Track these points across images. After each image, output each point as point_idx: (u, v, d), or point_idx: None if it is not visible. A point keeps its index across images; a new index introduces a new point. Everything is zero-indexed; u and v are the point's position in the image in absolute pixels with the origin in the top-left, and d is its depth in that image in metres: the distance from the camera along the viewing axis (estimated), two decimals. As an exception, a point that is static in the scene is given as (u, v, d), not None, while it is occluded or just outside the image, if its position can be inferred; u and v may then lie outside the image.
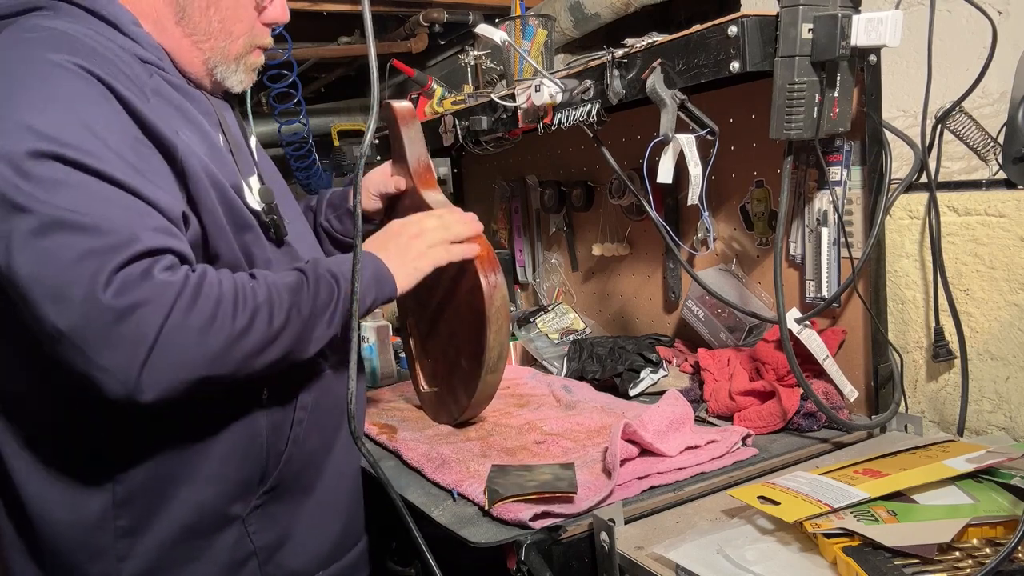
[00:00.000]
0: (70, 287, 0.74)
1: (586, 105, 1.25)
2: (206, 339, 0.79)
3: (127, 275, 0.76)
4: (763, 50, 1.03)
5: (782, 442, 1.17)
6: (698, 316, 1.46)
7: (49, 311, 0.74)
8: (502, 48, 1.43)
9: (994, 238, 1.15)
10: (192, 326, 0.78)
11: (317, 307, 0.90)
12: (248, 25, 0.99)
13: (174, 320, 0.77)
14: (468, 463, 1.11)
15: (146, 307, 0.76)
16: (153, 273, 0.78)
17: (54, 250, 0.75)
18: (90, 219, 0.76)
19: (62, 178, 0.76)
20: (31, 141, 0.75)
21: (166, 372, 0.77)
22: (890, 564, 0.74)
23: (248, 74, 1.03)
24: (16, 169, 0.75)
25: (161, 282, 0.77)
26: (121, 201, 0.78)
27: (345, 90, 3.17)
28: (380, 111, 0.89)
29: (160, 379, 0.77)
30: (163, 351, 0.77)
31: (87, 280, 0.74)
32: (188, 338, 0.78)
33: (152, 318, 0.76)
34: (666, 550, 0.84)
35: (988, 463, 0.87)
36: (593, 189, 1.80)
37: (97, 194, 0.77)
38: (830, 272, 1.25)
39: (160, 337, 0.76)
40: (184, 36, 0.95)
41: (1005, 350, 1.16)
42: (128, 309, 0.75)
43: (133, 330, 0.75)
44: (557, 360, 1.65)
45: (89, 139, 0.78)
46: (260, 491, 0.94)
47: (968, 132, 1.17)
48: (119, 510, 0.87)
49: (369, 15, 0.86)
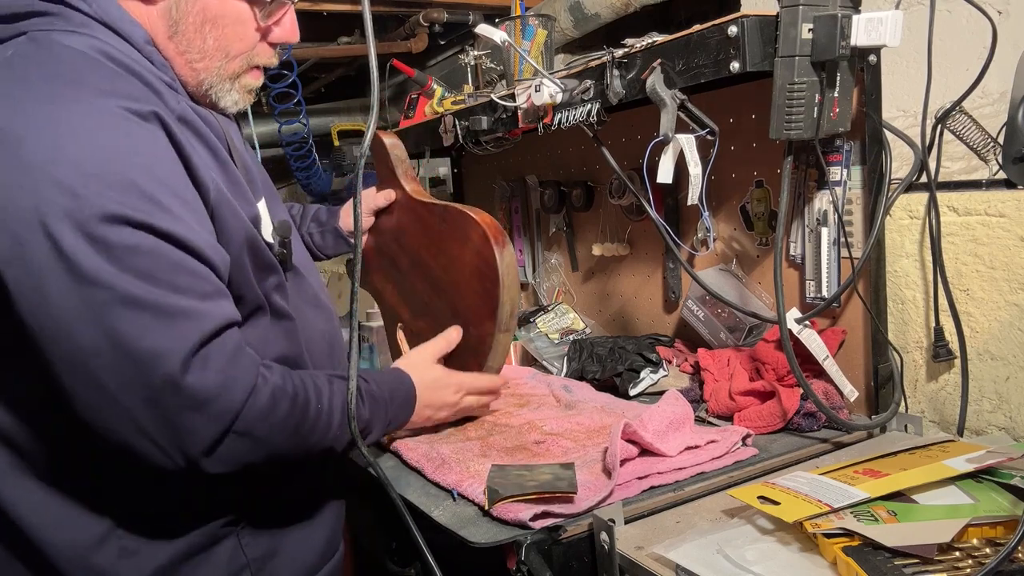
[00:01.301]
0: (139, 371, 0.75)
1: (586, 105, 1.25)
2: (269, 443, 0.85)
3: (204, 359, 0.77)
4: (763, 50, 1.03)
5: (782, 442, 1.17)
6: (698, 316, 1.46)
7: (110, 386, 0.75)
8: (502, 48, 1.43)
9: (994, 238, 1.15)
10: (261, 430, 0.83)
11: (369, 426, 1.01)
12: (247, 45, 0.93)
13: (243, 422, 0.81)
14: (468, 463, 1.11)
15: (220, 401, 0.79)
16: (222, 362, 0.79)
17: (126, 331, 0.74)
18: (162, 295, 0.75)
19: (132, 244, 0.74)
20: (97, 201, 0.72)
21: (227, 463, 0.82)
22: (890, 564, 0.74)
23: (244, 95, 0.96)
24: (85, 235, 0.72)
25: (242, 370, 0.81)
26: (188, 266, 0.78)
27: (345, 90, 3.18)
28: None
29: (228, 467, 0.83)
30: (230, 445, 0.81)
31: (159, 367, 0.75)
32: (253, 440, 0.83)
33: (224, 412, 0.79)
34: (666, 550, 0.84)
35: (988, 463, 0.87)
36: (593, 189, 1.80)
37: (167, 259, 0.76)
38: (830, 272, 1.25)
39: (229, 433, 0.80)
40: (177, 53, 0.89)
41: (1005, 350, 1.16)
42: (203, 400, 0.77)
43: (203, 421, 0.78)
44: (557, 360, 1.65)
45: (155, 195, 0.75)
46: (254, 504, 0.94)
47: (968, 132, 1.17)
48: (120, 529, 0.86)
49: (369, 15, 0.87)
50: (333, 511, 1.07)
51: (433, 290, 1.35)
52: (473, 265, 1.24)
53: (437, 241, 1.33)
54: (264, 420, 0.83)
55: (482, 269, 1.22)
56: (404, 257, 1.42)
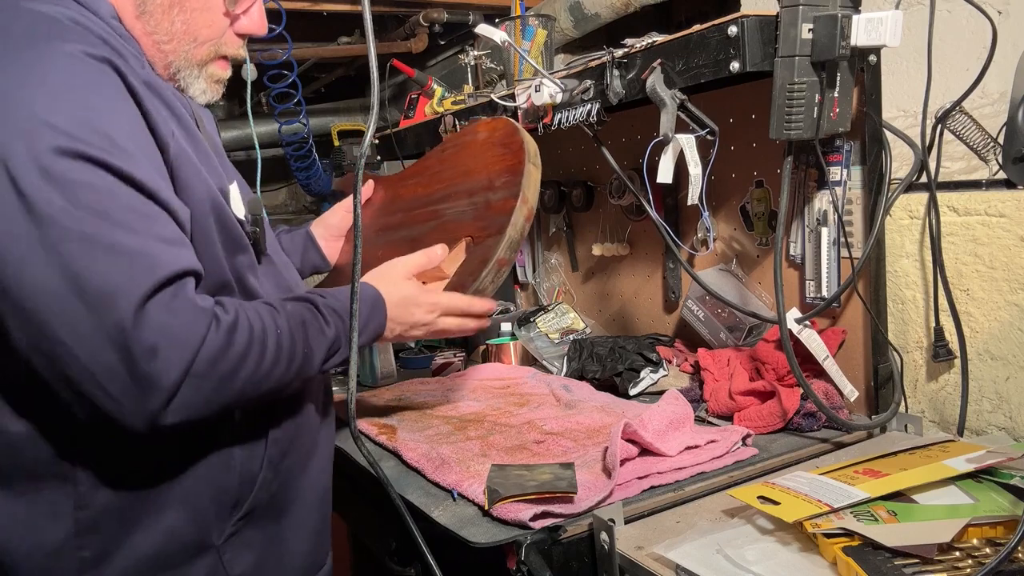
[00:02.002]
0: (97, 312, 0.71)
1: (586, 105, 1.25)
2: (230, 384, 0.80)
3: (158, 305, 0.74)
4: (763, 50, 1.03)
5: (782, 442, 1.17)
6: (698, 316, 1.46)
7: (63, 333, 0.71)
8: (502, 48, 1.43)
9: (994, 238, 1.15)
10: (219, 372, 0.79)
11: (333, 346, 0.93)
12: (216, 31, 0.92)
13: (199, 366, 0.77)
14: (468, 463, 1.11)
15: (175, 346, 0.75)
16: (181, 305, 0.76)
17: (79, 270, 0.71)
18: (118, 236, 0.73)
19: (88, 180, 0.72)
20: (53, 138, 0.71)
21: (192, 410, 0.78)
22: (890, 564, 0.74)
23: (211, 85, 0.95)
24: (40, 170, 0.70)
25: (192, 315, 0.77)
26: (144, 209, 0.76)
27: (345, 90, 3.17)
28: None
29: (187, 417, 0.78)
30: (192, 391, 0.77)
31: (115, 309, 0.72)
32: (212, 383, 0.79)
33: (180, 357, 0.75)
34: (666, 550, 0.84)
35: (988, 463, 0.87)
36: (593, 189, 1.80)
37: (122, 201, 0.74)
38: (830, 272, 1.25)
39: (187, 376, 0.76)
40: (145, 33, 0.88)
41: (1005, 350, 1.16)
42: (154, 346, 0.74)
43: (159, 368, 0.74)
44: (557, 360, 1.65)
45: (111, 134, 0.74)
46: (235, 518, 0.89)
47: (968, 132, 1.17)
48: (82, 538, 0.81)
49: (369, 15, 0.86)
50: (322, 520, 1.03)
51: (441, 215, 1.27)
52: (488, 146, 1.19)
53: (439, 172, 1.28)
54: (222, 359, 0.79)
55: (500, 141, 1.17)
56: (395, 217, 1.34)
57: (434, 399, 1.49)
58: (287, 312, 0.89)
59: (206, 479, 0.87)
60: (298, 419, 0.97)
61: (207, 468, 0.87)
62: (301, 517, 0.98)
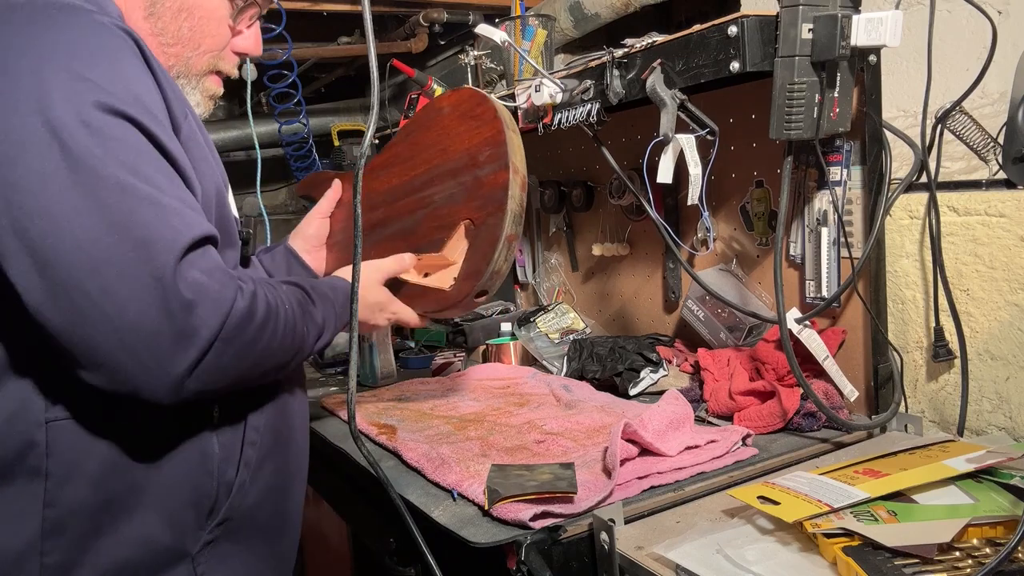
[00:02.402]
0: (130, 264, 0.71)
1: (586, 105, 1.25)
2: (250, 353, 0.81)
3: (191, 263, 0.74)
4: (763, 50, 1.03)
5: (782, 442, 1.17)
6: (698, 316, 1.46)
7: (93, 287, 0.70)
8: (502, 48, 1.43)
9: (994, 238, 1.15)
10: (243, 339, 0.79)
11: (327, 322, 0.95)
12: (219, 42, 0.95)
13: (228, 330, 0.77)
14: (468, 463, 1.11)
15: (208, 306, 0.75)
16: (214, 265, 0.77)
17: (120, 220, 0.71)
18: (152, 191, 0.73)
19: (124, 136, 0.73)
20: (92, 92, 0.72)
21: (211, 379, 0.77)
22: (890, 564, 0.74)
23: (205, 100, 0.97)
24: (82, 122, 0.71)
25: (226, 279, 0.77)
26: (170, 173, 0.77)
27: (345, 90, 3.17)
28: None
29: (204, 384, 0.77)
30: (216, 357, 0.76)
31: (155, 259, 0.72)
32: (236, 350, 0.79)
33: (212, 320, 0.75)
34: (666, 550, 0.84)
35: (988, 463, 0.87)
36: (593, 189, 1.80)
37: (153, 161, 0.75)
38: (830, 272, 1.25)
39: (215, 344, 0.76)
40: (151, 34, 0.90)
41: (1005, 350, 1.16)
42: (190, 304, 0.73)
43: (194, 325, 0.74)
44: (557, 360, 1.65)
45: (142, 98, 0.75)
46: (211, 524, 0.87)
47: (968, 132, 1.17)
48: (47, 541, 0.77)
49: (369, 15, 0.86)
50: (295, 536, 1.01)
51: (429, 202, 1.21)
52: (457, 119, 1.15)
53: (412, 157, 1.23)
54: (248, 324, 0.80)
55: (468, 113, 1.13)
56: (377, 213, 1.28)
57: (434, 399, 1.49)
58: (286, 291, 0.91)
59: (183, 480, 0.84)
60: (277, 421, 0.95)
61: (185, 468, 0.85)
62: (281, 532, 0.97)
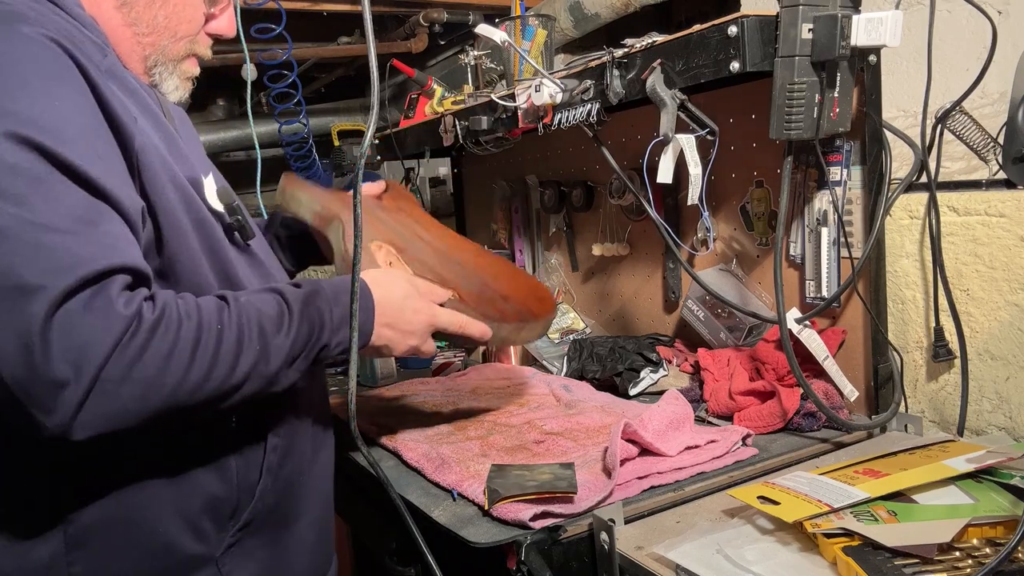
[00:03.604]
0: (7, 304, 0.66)
1: (586, 105, 1.25)
2: (148, 393, 0.72)
3: (76, 304, 0.68)
4: (763, 50, 1.03)
5: (782, 442, 1.17)
6: (698, 316, 1.46)
7: None
8: (502, 48, 1.43)
9: (994, 238, 1.15)
10: (134, 378, 0.71)
11: (295, 348, 0.83)
12: (194, 27, 0.94)
13: (116, 366, 0.69)
14: (468, 463, 1.11)
15: (88, 350, 0.68)
16: (101, 305, 0.70)
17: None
18: (39, 229, 0.68)
19: (18, 164, 0.68)
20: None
21: (107, 421, 0.70)
22: (890, 564, 0.74)
23: (183, 82, 0.95)
24: None
25: (108, 318, 0.70)
26: (77, 202, 0.71)
27: (345, 90, 3.18)
28: None
29: (102, 427, 0.70)
30: (102, 400, 0.69)
31: (27, 305, 0.66)
32: (127, 391, 0.70)
33: (91, 362, 0.68)
34: (666, 550, 0.84)
35: (988, 463, 0.87)
36: (593, 189, 1.80)
37: (52, 191, 0.69)
38: (830, 272, 1.25)
39: (95, 383, 0.69)
40: (125, 25, 0.88)
41: (1005, 350, 1.16)
42: (67, 348, 0.67)
43: (68, 374, 0.67)
44: (557, 360, 1.65)
45: (56, 118, 0.71)
46: (233, 528, 0.87)
47: (968, 132, 1.17)
48: (72, 554, 0.78)
49: (369, 15, 0.86)
50: (325, 524, 1.01)
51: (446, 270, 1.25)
52: (529, 284, 1.31)
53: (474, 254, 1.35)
54: (140, 361, 0.71)
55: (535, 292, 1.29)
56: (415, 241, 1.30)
57: (434, 399, 1.49)
58: (239, 306, 0.80)
59: (199, 490, 0.84)
60: (296, 423, 0.94)
61: (200, 479, 0.84)
62: (304, 524, 0.96)
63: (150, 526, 0.81)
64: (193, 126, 1.04)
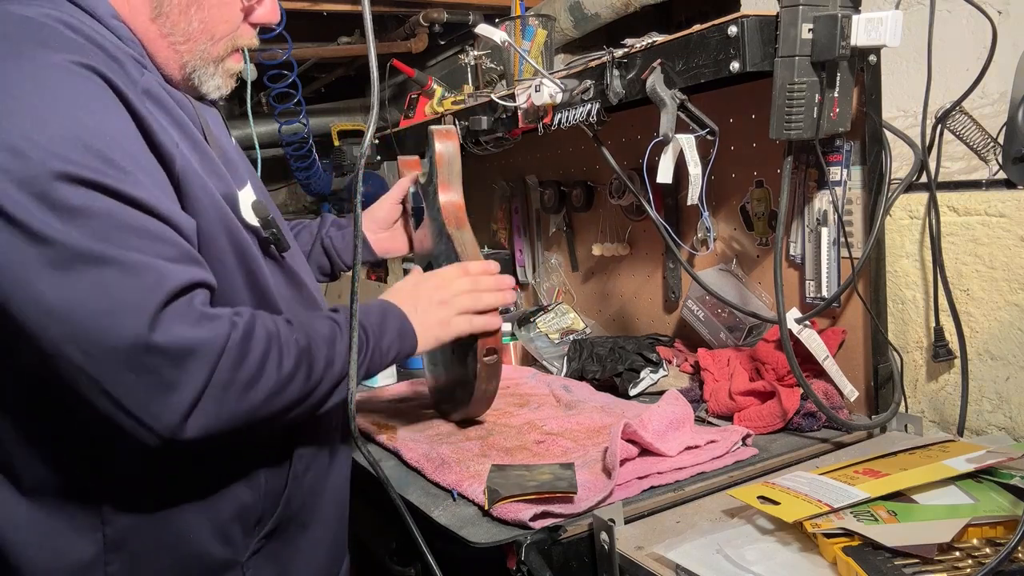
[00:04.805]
0: (108, 329, 0.69)
1: (586, 105, 1.25)
2: (249, 394, 0.78)
3: (173, 314, 0.72)
4: (763, 50, 1.03)
5: (782, 442, 1.17)
6: (698, 316, 1.46)
7: (74, 354, 0.69)
8: (502, 48, 1.43)
9: (994, 238, 1.15)
10: (240, 380, 0.76)
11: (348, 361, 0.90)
12: (232, 26, 0.90)
13: (220, 374, 0.75)
14: (468, 463, 1.11)
15: (196, 355, 0.73)
16: (197, 313, 0.74)
17: (85, 288, 0.69)
18: (120, 252, 0.71)
19: (84, 204, 0.70)
20: (44, 160, 0.68)
21: (212, 426, 0.75)
22: (890, 564, 0.74)
23: (226, 80, 0.94)
24: (35, 195, 0.68)
25: (210, 325, 0.75)
26: (146, 227, 0.73)
27: (345, 90, 3.18)
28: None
29: (206, 432, 0.75)
30: (208, 403, 0.74)
31: (128, 321, 0.70)
32: (234, 392, 0.76)
33: (201, 367, 0.73)
34: (666, 550, 0.84)
35: (988, 463, 0.87)
36: (593, 189, 1.80)
37: (122, 221, 0.72)
38: (830, 272, 1.25)
39: (207, 388, 0.74)
40: (160, 36, 0.86)
41: (1005, 350, 1.16)
42: (176, 355, 0.72)
43: (180, 379, 0.72)
44: (557, 360, 1.65)
45: (105, 152, 0.71)
46: (259, 535, 0.89)
47: (968, 132, 1.17)
48: (109, 555, 0.81)
49: (369, 15, 0.86)
50: (340, 525, 1.03)
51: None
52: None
53: None
54: (242, 366, 0.77)
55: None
56: None
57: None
58: (304, 324, 0.87)
59: (230, 498, 0.86)
60: (319, 430, 0.96)
61: (231, 487, 0.86)
62: (323, 527, 0.98)
63: (183, 532, 0.84)
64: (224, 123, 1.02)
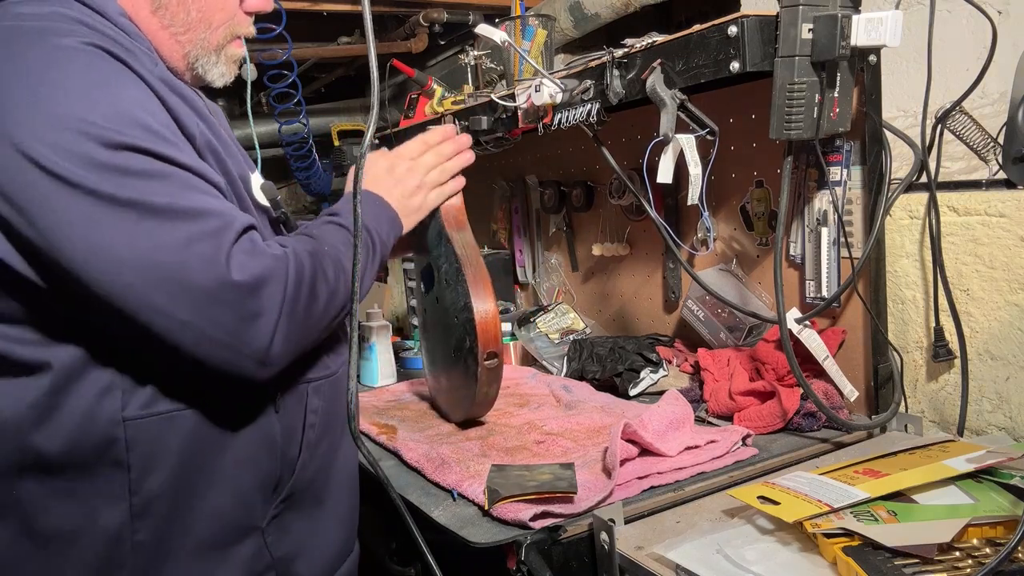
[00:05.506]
0: (190, 273, 0.75)
1: (586, 105, 1.25)
2: (314, 307, 0.85)
3: (241, 252, 0.79)
4: (763, 50, 1.03)
5: (782, 442, 1.17)
6: (698, 316, 1.46)
7: (163, 303, 0.75)
8: (502, 48, 1.43)
9: (994, 238, 1.15)
10: (303, 296, 0.84)
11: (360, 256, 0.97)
12: (229, 13, 0.93)
13: (290, 295, 0.82)
14: (468, 463, 1.11)
15: (269, 283, 0.80)
16: (260, 249, 0.81)
17: (168, 240, 0.75)
18: (186, 203, 0.76)
19: (140, 165, 0.74)
20: (97, 132, 0.72)
21: (292, 342, 0.83)
22: (890, 564, 0.74)
23: (229, 66, 0.97)
24: (95, 166, 0.72)
25: (272, 256, 0.82)
26: (200, 185, 0.79)
27: (345, 90, 3.17)
28: None
29: (288, 349, 0.83)
30: (288, 322, 0.82)
31: (208, 264, 0.76)
32: (302, 308, 0.84)
33: (276, 292, 0.81)
34: (666, 550, 0.84)
35: (988, 463, 0.87)
36: (593, 189, 1.80)
37: (183, 180, 0.77)
38: (830, 272, 1.25)
39: (283, 308, 0.81)
40: (161, 28, 0.89)
41: (1005, 350, 1.16)
42: (254, 286, 0.78)
43: (263, 305, 0.79)
44: (557, 360, 1.65)
45: (146, 123, 0.76)
46: (277, 500, 0.92)
47: (968, 132, 1.17)
48: (136, 522, 0.83)
49: (369, 15, 0.86)
50: (352, 504, 1.05)
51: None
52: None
53: None
54: (303, 283, 0.84)
55: None
56: None
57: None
58: (322, 236, 0.94)
59: (249, 464, 0.89)
60: (327, 405, 0.98)
61: (250, 453, 0.89)
62: (336, 501, 1.00)
63: (204, 498, 0.87)
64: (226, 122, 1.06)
